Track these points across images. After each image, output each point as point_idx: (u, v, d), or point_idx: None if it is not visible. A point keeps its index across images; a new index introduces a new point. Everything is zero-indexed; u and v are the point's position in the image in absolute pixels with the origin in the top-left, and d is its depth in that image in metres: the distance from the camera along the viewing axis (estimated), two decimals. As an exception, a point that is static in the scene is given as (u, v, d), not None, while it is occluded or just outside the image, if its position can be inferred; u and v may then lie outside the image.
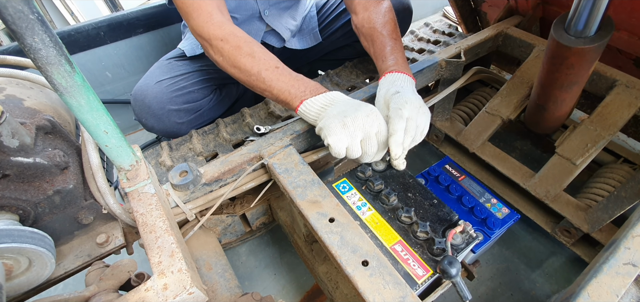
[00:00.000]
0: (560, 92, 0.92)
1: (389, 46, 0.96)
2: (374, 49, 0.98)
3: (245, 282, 1.13)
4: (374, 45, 0.98)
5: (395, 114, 0.77)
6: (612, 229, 0.95)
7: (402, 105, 0.78)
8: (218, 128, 1.13)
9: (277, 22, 1.28)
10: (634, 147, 1.38)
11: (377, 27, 0.98)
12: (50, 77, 0.48)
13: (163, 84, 1.12)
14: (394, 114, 0.77)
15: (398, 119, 0.76)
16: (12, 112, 0.67)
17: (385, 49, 0.96)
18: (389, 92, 0.84)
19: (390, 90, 0.84)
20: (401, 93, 0.81)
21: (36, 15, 0.42)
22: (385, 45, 0.96)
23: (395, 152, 0.77)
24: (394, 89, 0.84)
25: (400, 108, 0.77)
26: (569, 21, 0.78)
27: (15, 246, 0.55)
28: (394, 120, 0.77)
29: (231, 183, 0.85)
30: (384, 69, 0.92)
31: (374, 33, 0.98)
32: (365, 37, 1.02)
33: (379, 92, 0.88)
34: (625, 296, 0.63)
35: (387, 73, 0.90)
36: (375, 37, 0.98)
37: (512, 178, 1.09)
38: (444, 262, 0.65)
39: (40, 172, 0.62)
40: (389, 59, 0.93)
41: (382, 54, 0.95)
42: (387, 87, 0.86)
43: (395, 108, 0.78)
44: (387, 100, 0.82)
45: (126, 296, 0.54)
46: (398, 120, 0.76)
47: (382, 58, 0.95)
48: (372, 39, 0.99)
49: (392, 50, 0.95)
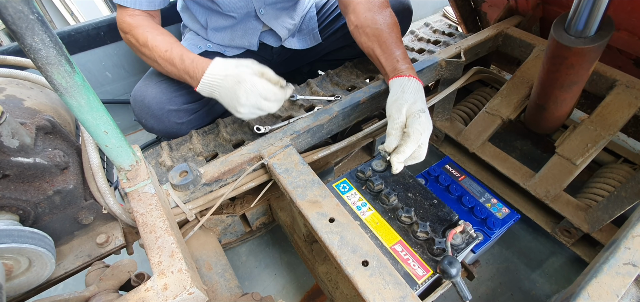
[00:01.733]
0: (560, 92, 0.92)
1: (400, 49, 0.97)
2: (381, 49, 0.98)
3: (246, 282, 1.13)
4: (381, 47, 0.99)
5: (415, 138, 0.80)
6: (612, 229, 0.95)
7: (423, 130, 0.81)
8: (218, 128, 1.13)
9: (274, 21, 1.28)
10: (634, 147, 1.38)
11: (385, 29, 0.99)
12: (50, 78, 0.48)
13: (163, 85, 1.12)
14: (414, 134, 0.80)
15: (414, 142, 0.80)
16: (12, 113, 0.67)
17: (395, 51, 0.97)
18: (416, 106, 0.84)
19: (417, 104, 0.84)
20: (426, 115, 0.83)
21: (36, 15, 0.42)
22: (396, 48, 0.97)
23: (395, 168, 0.82)
24: (420, 106, 0.84)
25: (421, 133, 0.80)
26: (569, 21, 0.78)
27: (15, 246, 0.55)
28: (411, 139, 0.80)
29: (231, 183, 0.85)
30: (400, 70, 0.93)
31: (381, 34, 0.99)
32: (369, 37, 1.01)
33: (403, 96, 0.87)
34: (625, 296, 0.63)
35: (406, 76, 0.90)
36: (382, 38, 0.99)
37: (512, 178, 1.09)
38: (444, 262, 0.65)
39: (40, 173, 0.62)
40: (402, 62, 0.95)
41: (392, 55, 0.96)
42: (414, 96, 0.86)
43: (417, 130, 0.80)
44: (410, 113, 0.83)
45: (126, 296, 0.54)
46: (413, 144, 0.80)
47: (393, 59, 0.96)
48: (378, 40, 0.99)
49: (404, 55, 0.97)
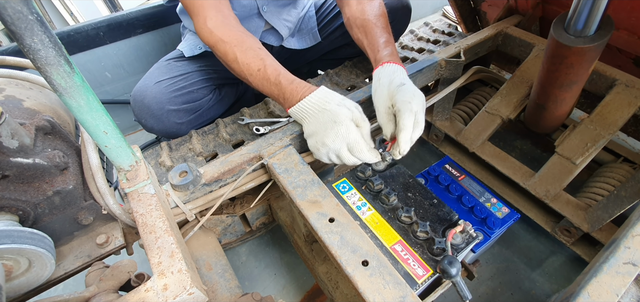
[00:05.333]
0: (560, 92, 0.92)
1: (383, 38, 0.96)
2: (368, 40, 0.99)
3: (246, 282, 1.13)
4: (367, 37, 0.99)
5: (406, 107, 0.76)
6: (612, 229, 0.95)
7: (410, 99, 0.77)
8: (218, 128, 1.13)
9: (276, 18, 1.28)
10: (633, 146, 1.38)
11: (371, 19, 0.99)
12: (50, 78, 0.48)
13: (162, 85, 1.12)
14: (404, 108, 0.77)
15: (409, 113, 0.76)
16: (12, 113, 0.67)
17: (379, 40, 0.96)
18: (394, 83, 0.83)
19: (395, 81, 0.84)
20: (407, 85, 0.81)
21: (35, 15, 0.42)
22: (380, 36, 0.97)
23: (403, 148, 0.78)
24: (399, 81, 0.83)
25: (410, 101, 0.77)
26: (568, 20, 0.78)
27: (14, 246, 0.55)
28: (404, 114, 0.76)
29: (231, 183, 0.85)
30: (380, 59, 0.92)
31: (368, 25, 0.99)
32: (358, 29, 1.02)
33: (380, 81, 0.87)
34: (625, 295, 0.64)
35: (385, 63, 0.90)
36: (368, 28, 0.99)
37: (512, 177, 1.09)
38: (444, 262, 0.65)
39: (40, 173, 0.62)
40: (384, 50, 0.94)
41: (376, 45, 0.96)
42: (389, 77, 0.86)
43: (404, 101, 0.77)
44: (392, 92, 0.82)
45: (126, 296, 0.54)
46: (409, 114, 0.76)
47: (376, 48, 0.95)
48: (365, 30, 1.00)
49: (387, 42, 0.96)
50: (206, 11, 0.96)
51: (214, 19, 0.95)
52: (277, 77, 0.89)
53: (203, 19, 0.96)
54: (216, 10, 0.96)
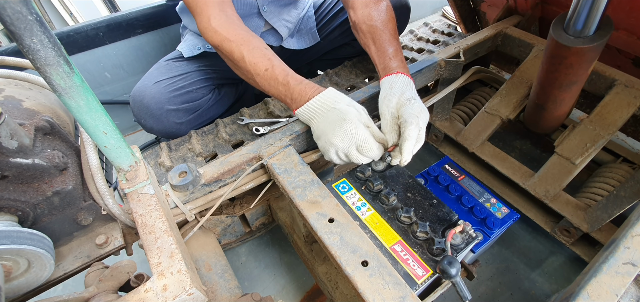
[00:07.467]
0: (560, 92, 0.92)
1: (392, 46, 0.97)
2: (376, 46, 0.98)
3: (245, 282, 1.13)
4: (375, 43, 0.99)
5: (413, 120, 0.79)
6: (612, 229, 0.95)
7: (418, 113, 0.80)
8: (217, 128, 1.13)
9: (276, 18, 1.28)
10: (633, 146, 1.38)
11: (379, 26, 0.99)
12: (49, 78, 0.47)
13: (161, 85, 1.12)
14: (411, 120, 0.79)
15: (415, 126, 0.78)
16: (11, 113, 0.67)
17: (388, 49, 0.96)
18: (405, 95, 0.85)
19: (406, 94, 0.86)
20: (416, 101, 0.84)
21: (34, 16, 0.42)
22: (389, 45, 0.97)
23: (405, 158, 0.79)
24: (409, 95, 0.85)
25: (417, 116, 0.80)
26: (568, 21, 0.78)
27: (14, 247, 0.55)
28: (410, 126, 0.78)
29: (231, 184, 0.85)
30: (390, 69, 0.93)
31: (376, 31, 0.99)
32: (365, 34, 1.02)
33: (391, 91, 0.88)
34: (624, 295, 0.64)
35: (394, 74, 0.91)
36: (376, 35, 0.98)
37: (511, 178, 1.09)
38: (444, 262, 0.65)
39: (39, 173, 0.62)
40: (394, 60, 0.95)
41: (385, 53, 0.96)
42: (401, 89, 0.88)
43: (412, 114, 0.80)
44: (401, 103, 0.84)
45: (126, 297, 0.54)
46: (415, 127, 0.78)
47: (386, 57, 0.95)
48: (373, 37, 0.99)
49: (396, 51, 0.96)
50: (210, 10, 0.95)
51: (218, 18, 0.95)
52: (285, 77, 0.88)
53: (207, 18, 0.95)
54: (220, 9, 0.96)
